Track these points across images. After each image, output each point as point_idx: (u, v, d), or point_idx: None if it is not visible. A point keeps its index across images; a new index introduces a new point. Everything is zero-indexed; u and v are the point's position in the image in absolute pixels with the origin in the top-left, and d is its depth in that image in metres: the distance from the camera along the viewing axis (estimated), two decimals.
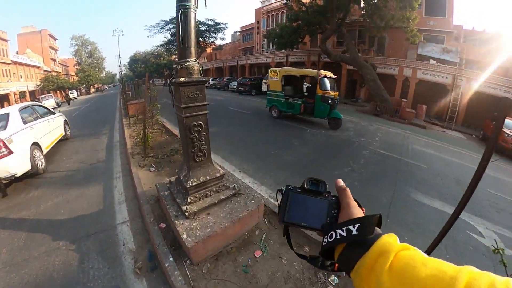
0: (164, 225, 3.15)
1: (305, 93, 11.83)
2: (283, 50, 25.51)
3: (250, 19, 43.73)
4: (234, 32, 48.41)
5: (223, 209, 2.84)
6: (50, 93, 37.01)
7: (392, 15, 15.27)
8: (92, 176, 5.24)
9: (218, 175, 2.93)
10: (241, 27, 42.19)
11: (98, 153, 6.83)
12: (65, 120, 8.57)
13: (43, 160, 5.79)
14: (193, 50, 2.66)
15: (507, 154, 9.98)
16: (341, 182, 0.61)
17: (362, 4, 17.63)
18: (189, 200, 2.71)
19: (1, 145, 4.53)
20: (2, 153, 4.51)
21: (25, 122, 5.67)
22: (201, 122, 2.77)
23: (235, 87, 24.09)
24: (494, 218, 4.26)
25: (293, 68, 11.95)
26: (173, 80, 2.61)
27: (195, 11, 2.66)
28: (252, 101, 17.81)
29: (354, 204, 0.57)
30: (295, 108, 10.47)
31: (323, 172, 5.44)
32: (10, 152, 4.62)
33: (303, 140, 8.00)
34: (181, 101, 2.64)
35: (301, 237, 2.98)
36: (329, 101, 9.21)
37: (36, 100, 23.13)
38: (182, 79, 2.56)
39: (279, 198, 0.62)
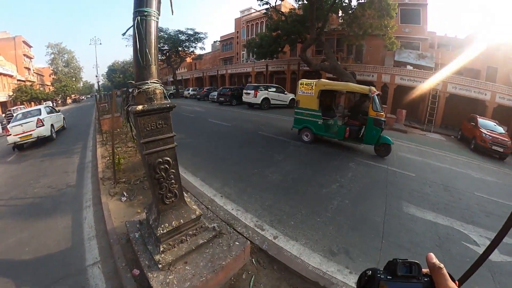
0: (138, 271, 2.72)
1: (348, 113, 9.83)
2: (263, 60, 25.37)
3: (230, 29, 43.59)
4: (214, 42, 48.00)
5: (203, 255, 2.44)
6: (23, 104, 34.86)
7: (370, 24, 15.55)
8: (61, 204, 4.81)
9: (194, 216, 2.50)
10: (221, 37, 41.89)
11: (68, 176, 6.36)
12: (63, 117, 14.09)
13: (55, 133, 11.43)
14: (154, 68, 2.14)
15: (486, 153, 10.31)
16: (434, 258, 0.56)
17: (340, 14, 17.93)
18: (161, 249, 2.29)
19: (41, 121, 10.11)
20: (40, 125, 10.05)
21: (47, 113, 11.15)
22: (168, 158, 2.28)
23: (215, 97, 23.37)
24: (485, 224, 4.29)
25: (335, 81, 9.69)
26: (129, 109, 2.09)
27: (157, 19, 2.13)
28: (233, 112, 17.37)
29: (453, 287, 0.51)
30: (338, 132, 8.46)
31: (311, 191, 5.16)
32: (43, 125, 10.21)
33: (286, 154, 7.64)
34: (141, 134, 2.13)
35: (296, 277, 2.66)
36: (382, 125, 7.71)
37: (8, 111, 21.63)
38: (140, 107, 2.04)
39: (363, 282, 0.57)
